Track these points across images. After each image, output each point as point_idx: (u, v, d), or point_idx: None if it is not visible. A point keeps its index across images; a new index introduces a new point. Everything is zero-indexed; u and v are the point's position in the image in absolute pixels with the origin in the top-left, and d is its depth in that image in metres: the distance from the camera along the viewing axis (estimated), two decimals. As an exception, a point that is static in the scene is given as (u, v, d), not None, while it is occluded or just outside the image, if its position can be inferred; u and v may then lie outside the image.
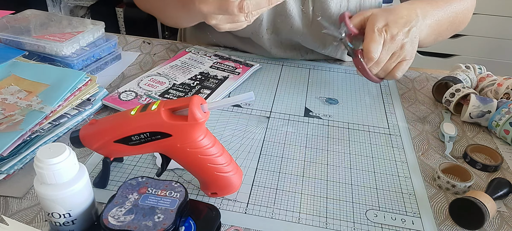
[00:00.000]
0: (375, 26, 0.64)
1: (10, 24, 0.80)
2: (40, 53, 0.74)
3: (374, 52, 0.63)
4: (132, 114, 0.45)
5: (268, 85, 0.76)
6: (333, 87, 0.77)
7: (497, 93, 0.70)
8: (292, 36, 0.82)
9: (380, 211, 0.50)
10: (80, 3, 2.12)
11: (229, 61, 0.80)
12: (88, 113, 0.64)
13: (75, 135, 0.48)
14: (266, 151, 0.59)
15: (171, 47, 0.90)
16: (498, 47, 1.92)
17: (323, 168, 0.56)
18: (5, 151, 0.51)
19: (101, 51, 0.78)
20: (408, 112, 0.71)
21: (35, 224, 0.47)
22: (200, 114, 0.43)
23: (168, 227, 0.39)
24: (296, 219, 0.48)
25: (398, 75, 0.68)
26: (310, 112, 0.69)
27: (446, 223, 0.49)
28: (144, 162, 0.56)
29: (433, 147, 0.62)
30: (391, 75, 0.68)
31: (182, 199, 0.42)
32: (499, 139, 0.65)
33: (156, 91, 0.69)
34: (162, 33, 2.19)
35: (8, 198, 0.50)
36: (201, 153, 0.46)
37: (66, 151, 0.39)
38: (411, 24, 0.65)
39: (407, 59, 0.67)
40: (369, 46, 0.63)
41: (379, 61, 0.65)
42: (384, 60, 0.65)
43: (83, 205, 0.42)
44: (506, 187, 0.52)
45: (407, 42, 0.65)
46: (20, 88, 0.63)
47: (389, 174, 0.56)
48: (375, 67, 0.66)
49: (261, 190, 0.52)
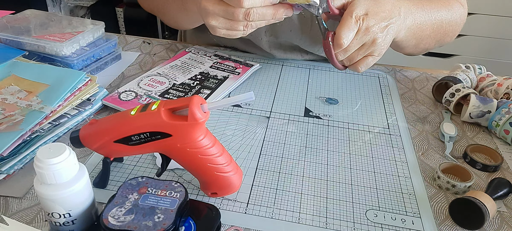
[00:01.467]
0: (354, 12, 0.60)
1: (10, 24, 0.80)
2: (40, 53, 0.74)
3: (344, 39, 0.60)
4: (132, 115, 0.45)
5: (268, 85, 0.76)
6: (333, 87, 0.77)
7: (497, 93, 0.70)
8: (292, 39, 0.82)
9: (380, 211, 0.50)
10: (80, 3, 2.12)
11: (229, 61, 0.80)
12: (88, 113, 0.64)
13: (75, 135, 0.48)
14: (266, 151, 0.59)
15: (171, 47, 0.90)
16: (498, 47, 1.92)
17: (323, 168, 0.56)
18: (5, 151, 0.51)
19: (101, 51, 0.78)
20: (408, 112, 0.71)
21: (35, 224, 0.47)
22: (200, 114, 0.43)
23: (168, 227, 0.39)
24: (296, 219, 0.48)
25: (361, 69, 0.66)
26: (310, 112, 0.69)
27: (446, 223, 0.49)
28: (144, 162, 0.56)
29: (433, 147, 0.62)
30: (354, 66, 0.66)
31: (182, 199, 0.42)
32: (499, 139, 0.65)
33: (156, 91, 0.69)
34: (162, 33, 2.19)
35: (8, 198, 0.50)
36: (201, 153, 0.46)
37: (66, 151, 0.39)
38: (391, 21, 0.63)
39: (375, 55, 0.64)
40: (341, 31, 0.60)
41: (347, 49, 0.63)
42: (352, 49, 0.63)
43: (83, 205, 0.42)
44: (506, 187, 0.52)
45: (380, 37, 0.62)
46: (20, 88, 0.63)
47: (389, 174, 0.56)
48: (342, 54, 0.64)
49: (261, 190, 0.52)
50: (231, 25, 0.61)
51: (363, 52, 0.64)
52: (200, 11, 0.62)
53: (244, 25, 0.61)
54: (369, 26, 0.61)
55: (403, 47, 0.76)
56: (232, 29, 0.62)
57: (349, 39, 0.61)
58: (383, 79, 0.81)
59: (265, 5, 0.58)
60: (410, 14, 0.68)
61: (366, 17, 0.61)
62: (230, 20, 0.60)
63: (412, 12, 0.69)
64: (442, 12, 0.74)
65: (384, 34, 0.63)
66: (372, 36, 0.62)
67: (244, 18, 0.58)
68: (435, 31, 0.75)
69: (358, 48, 0.64)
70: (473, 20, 1.83)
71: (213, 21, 0.61)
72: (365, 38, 0.62)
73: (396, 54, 0.81)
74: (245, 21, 0.59)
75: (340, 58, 0.65)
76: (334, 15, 0.64)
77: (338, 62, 0.66)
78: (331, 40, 0.63)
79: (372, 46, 0.63)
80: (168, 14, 0.82)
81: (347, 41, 0.61)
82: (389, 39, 0.64)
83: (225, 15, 0.60)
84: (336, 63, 0.66)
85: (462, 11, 0.79)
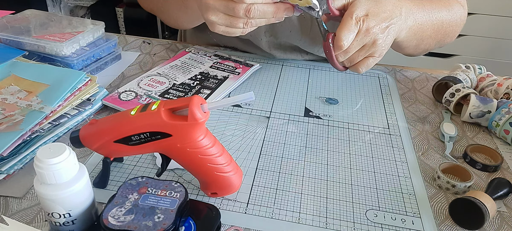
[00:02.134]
0: (354, 13, 0.60)
1: (10, 24, 0.80)
2: (40, 53, 0.74)
3: (344, 40, 0.59)
4: (132, 115, 0.45)
5: (268, 85, 0.76)
6: (333, 87, 0.77)
7: (497, 93, 0.70)
8: (291, 40, 0.81)
9: (380, 211, 0.50)
10: (80, 3, 2.12)
11: (229, 61, 0.80)
12: (88, 113, 0.64)
13: (75, 135, 0.48)
14: (266, 151, 0.59)
15: (171, 47, 0.90)
16: (498, 47, 1.92)
17: (323, 168, 0.56)
18: (5, 151, 0.51)
19: (101, 51, 0.78)
20: (408, 112, 0.71)
21: (35, 224, 0.47)
22: (200, 114, 0.43)
23: (168, 227, 0.39)
24: (296, 219, 0.48)
25: (361, 70, 0.65)
26: (310, 112, 0.69)
27: (446, 223, 0.49)
28: (144, 162, 0.56)
29: (433, 147, 0.62)
30: (354, 67, 0.66)
31: (182, 199, 0.42)
32: (499, 139, 0.65)
33: (156, 91, 0.69)
34: (162, 33, 2.19)
35: (8, 198, 0.50)
36: (201, 153, 0.46)
37: (66, 151, 0.39)
38: (392, 22, 0.62)
39: (375, 56, 0.64)
40: (341, 33, 0.59)
41: (348, 51, 0.62)
42: (352, 51, 0.62)
43: (83, 205, 0.42)
44: (506, 187, 0.52)
45: (381, 38, 0.62)
46: (20, 88, 0.63)
47: (389, 174, 0.56)
48: (342, 55, 0.64)
49: (261, 190, 0.52)
50: (231, 22, 0.60)
51: (364, 53, 0.64)
52: (200, 7, 0.62)
53: (244, 22, 0.60)
54: (369, 27, 0.60)
55: (403, 48, 0.75)
56: (232, 26, 0.61)
57: (349, 40, 0.60)
58: (383, 79, 0.81)
59: (266, 2, 0.58)
60: (411, 15, 0.68)
61: (367, 18, 0.60)
62: (230, 17, 0.60)
63: (413, 13, 0.68)
64: (442, 12, 0.74)
65: (385, 35, 0.62)
66: (373, 37, 0.61)
67: (244, 15, 0.58)
68: (435, 32, 0.74)
69: (359, 50, 0.63)
70: (473, 20, 1.83)
71: (212, 17, 0.60)
72: (366, 39, 0.61)
73: (396, 54, 0.81)
74: (245, 17, 0.59)
75: (341, 60, 0.65)
76: (334, 16, 0.64)
77: (338, 63, 0.66)
78: (332, 42, 0.62)
79: (373, 47, 0.62)
80: (168, 13, 0.82)
81: (347, 43, 0.60)
82: (390, 40, 0.64)
83: (225, 10, 0.59)
84: (337, 65, 0.66)
85: (462, 11, 0.79)
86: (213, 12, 0.60)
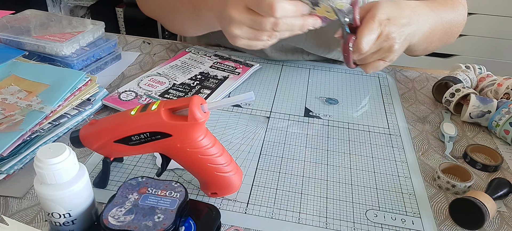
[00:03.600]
0: (376, 17, 0.59)
1: (10, 24, 0.80)
2: (40, 53, 0.74)
3: (364, 44, 0.58)
4: (132, 115, 0.45)
5: (268, 85, 0.76)
6: (333, 87, 0.77)
7: (497, 93, 0.70)
8: (295, 42, 0.81)
9: (380, 211, 0.50)
10: (80, 3, 2.12)
11: (229, 61, 0.80)
12: (88, 113, 0.64)
13: (75, 135, 0.48)
14: (266, 151, 0.59)
15: (171, 47, 0.90)
16: (498, 47, 1.92)
17: (323, 168, 0.56)
18: (5, 151, 0.51)
19: (101, 51, 0.78)
20: (408, 112, 0.71)
21: (35, 224, 0.47)
22: (200, 114, 0.43)
23: (168, 227, 0.39)
24: (296, 219, 0.48)
25: (369, 70, 0.65)
26: (310, 112, 0.69)
27: (446, 223, 0.49)
28: (144, 162, 0.56)
29: (433, 147, 0.62)
30: (363, 67, 0.66)
31: (182, 199, 0.42)
32: (499, 139, 0.65)
33: (156, 91, 0.69)
34: (162, 33, 2.19)
35: (8, 198, 0.50)
36: (201, 153, 0.46)
37: (66, 151, 0.39)
38: (410, 28, 0.62)
39: (387, 60, 0.64)
40: (362, 37, 0.58)
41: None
42: (369, 52, 0.62)
43: (83, 205, 0.42)
44: (506, 187, 0.52)
45: (397, 44, 0.61)
46: (20, 88, 0.63)
47: (389, 174, 0.56)
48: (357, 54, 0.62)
49: (261, 190, 0.52)
50: (255, 35, 0.58)
51: (377, 56, 0.64)
52: (223, 20, 0.59)
53: (268, 35, 0.58)
54: (389, 33, 0.60)
55: (413, 51, 0.75)
56: (255, 39, 0.59)
57: (370, 44, 0.59)
58: (383, 79, 0.81)
59: (295, 15, 0.55)
60: (427, 20, 0.67)
61: (388, 23, 0.60)
62: (255, 30, 0.57)
63: (428, 18, 0.68)
64: (450, 14, 0.74)
65: (402, 41, 0.62)
66: (391, 43, 0.61)
67: (271, 28, 0.55)
68: (444, 34, 0.75)
69: (374, 52, 0.63)
70: (473, 20, 1.84)
71: (237, 30, 0.57)
72: (384, 44, 0.61)
73: (396, 54, 0.81)
74: (271, 31, 0.56)
75: (355, 58, 0.64)
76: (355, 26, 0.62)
77: (352, 62, 0.65)
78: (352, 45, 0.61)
79: (388, 52, 0.62)
80: (175, 20, 0.80)
81: (367, 46, 0.59)
82: (404, 46, 0.64)
83: (252, 24, 0.56)
84: (350, 64, 0.65)
85: (464, 12, 0.79)
86: (237, 26, 0.57)
